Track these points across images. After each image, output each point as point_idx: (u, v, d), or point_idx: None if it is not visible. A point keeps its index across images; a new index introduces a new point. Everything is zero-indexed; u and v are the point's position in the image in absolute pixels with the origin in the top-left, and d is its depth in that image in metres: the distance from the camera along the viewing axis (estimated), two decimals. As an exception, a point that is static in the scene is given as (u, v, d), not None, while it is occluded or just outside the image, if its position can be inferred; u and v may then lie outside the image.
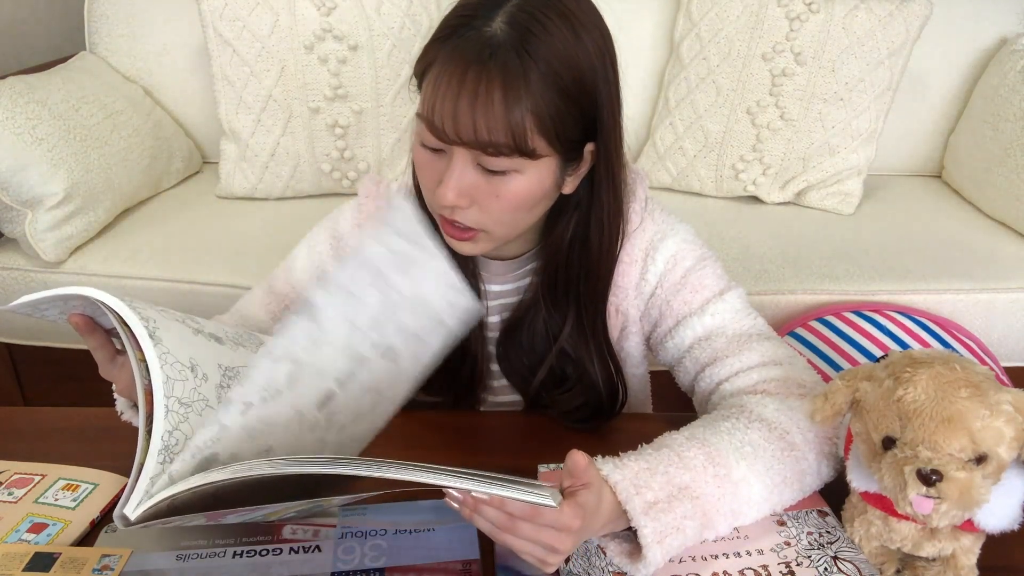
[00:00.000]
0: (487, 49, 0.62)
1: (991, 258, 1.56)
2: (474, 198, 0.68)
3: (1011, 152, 1.63)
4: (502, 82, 0.62)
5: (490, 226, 0.70)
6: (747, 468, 0.64)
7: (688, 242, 0.81)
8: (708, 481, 0.63)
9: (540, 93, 0.63)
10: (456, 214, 0.69)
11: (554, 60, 0.63)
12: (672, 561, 0.63)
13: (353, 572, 0.63)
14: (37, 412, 0.87)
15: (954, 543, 0.62)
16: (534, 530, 0.54)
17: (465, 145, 0.65)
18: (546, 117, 0.64)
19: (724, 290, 0.79)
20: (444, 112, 0.64)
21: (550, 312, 0.80)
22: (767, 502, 0.66)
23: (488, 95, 0.62)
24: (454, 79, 0.63)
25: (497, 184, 0.67)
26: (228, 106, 1.72)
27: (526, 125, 0.63)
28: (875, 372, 0.61)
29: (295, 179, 1.77)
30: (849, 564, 0.62)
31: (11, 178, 1.41)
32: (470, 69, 0.62)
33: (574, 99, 0.66)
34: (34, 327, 1.56)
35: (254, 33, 1.66)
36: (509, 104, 0.62)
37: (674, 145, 1.81)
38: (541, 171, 0.67)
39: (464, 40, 0.63)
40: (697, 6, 1.75)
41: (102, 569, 0.62)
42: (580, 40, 0.65)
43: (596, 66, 0.67)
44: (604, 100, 0.68)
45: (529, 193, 0.68)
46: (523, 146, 0.64)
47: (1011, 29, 1.83)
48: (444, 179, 0.67)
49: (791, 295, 1.48)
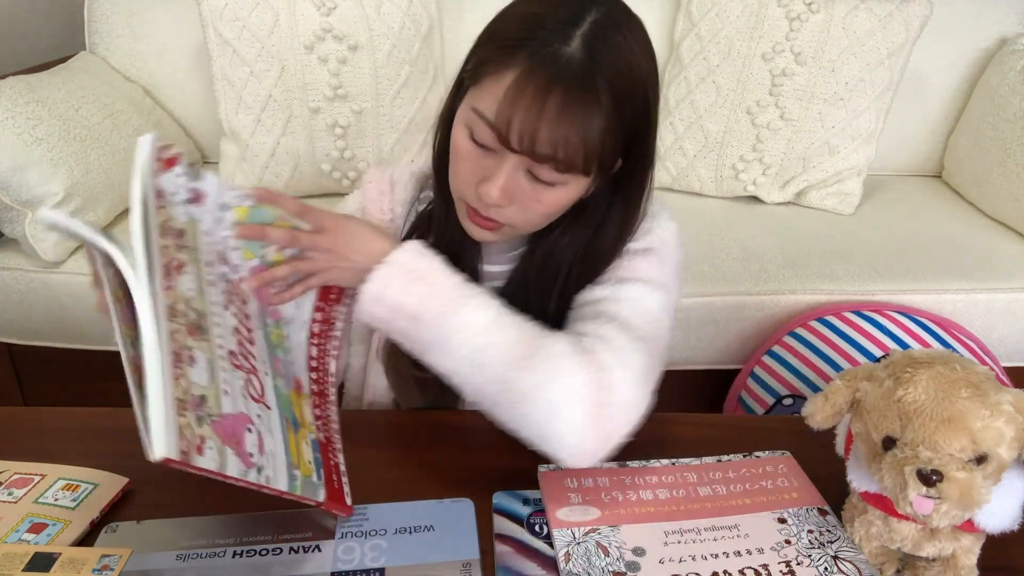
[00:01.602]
0: (569, 69, 0.63)
1: (991, 258, 1.56)
2: (515, 199, 0.69)
3: (1011, 152, 1.63)
4: (583, 105, 0.63)
5: (519, 223, 0.72)
6: (492, 314, 0.67)
7: (652, 233, 0.78)
8: (450, 290, 0.68)
9: (614, 126, 0.65)
10: (491, 211, 0.70)
11: (623, 84, 0.65)
12: (672, 561, 0.63)
13: (353, 572, 0.63)
14: (37, 412, 0.87)
15: (954, 543, 0.62)
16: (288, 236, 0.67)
17: (534, 159, 0.65)
18: (609, 148, 0.66)
19: (651, 284, 0.75)
20: (523, 125, 0.63)
21: (531, 298, 0.79)
22: (485, 339, 0.66)
23: (571, 117, 0.63)
24: (537, 95, 0.62)
25: (541, 191, 0.69)
26: (228, 106, 1.72)
27: (595, 152, 0.65)
28: (875, 372, 0.61)
29: (295, 179, 1.77)
30: (849, 564, 0.62)
31: (11, 178, 1.41)
32: (554, 88, 0.62)
33: (634, 132, 0.68)
34: (34, 327, 1.56)
35: (254, 33, 1.66)
36: (589, 128, 0.64)
37: (674, 145, 1.81)
38: (583, 182, 0.69)
39: (544, 56, 0.63)
40: (697, 6, 1.75)
41: (102, 569, 0.62)
42: (642, 62, 0.67)
43: (651, 86, 0.68)
44: (653, 121, 0.70)
45: (567, 201, 0.71)
46: (587, 169, 0.66)
47: (1011, 29, 1.83)
48: (491, 178, 0.67)
49: (791, 295, 1.48)
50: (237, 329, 0.64)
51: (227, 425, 0.57)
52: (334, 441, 0.72)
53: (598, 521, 0.67)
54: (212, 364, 0.58)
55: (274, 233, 0.67)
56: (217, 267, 0.64)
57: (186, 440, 0.52)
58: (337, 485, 0.68)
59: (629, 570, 0.62)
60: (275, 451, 0.62)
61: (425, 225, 0.83)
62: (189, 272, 0.60)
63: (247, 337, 0.65)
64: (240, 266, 0.67)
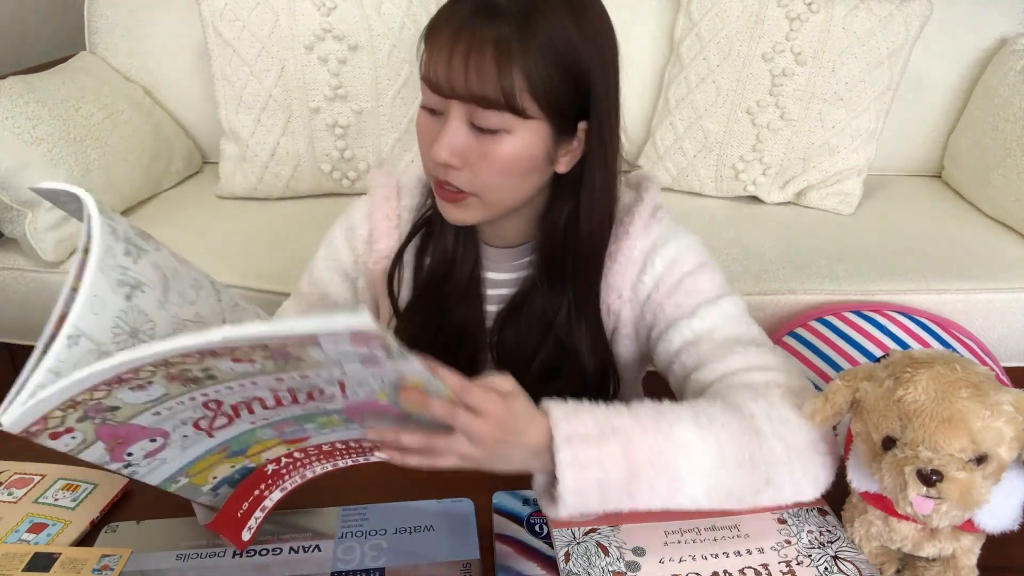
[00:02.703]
0: (485, 11, 0.66)
1: (991, 258, 1.56)
2: (465, 158, 0.70)
3: (1011, 152, 1.63)
4: (495, 41, 0.65)
5: (480, 189, 0.72)
6: (695, 434, 0.62)
7: (691, 248, 0.80)
8: (647, 432, 0.61)
9: (532, 59, 0.66)
10: (449, 175, 0.71)
11: (550, 32, 0.67)
12: (672, 561, 0.63)
13: (353, 572, 0.63)
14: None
15: (954, 543, 0.62)
16: (447, 440, 0.57)
17: (458, 97, 0.67)
18: (536, 81, 0.67)
19: (720, 296, 0.77)
20: (439, 65, 0.67)
21: (546, 297, 0.80)
22: (715, 479, 0.62)
23: (481, 50, 0.65)
24: (451, 34, 0.67)
25: (487, 144, 0.69)
26: (228, 106, 1.72)
27: (515, 83, 0.66)
28: (875, 372, 0.61)
29: (295, 179, 1.77)
30: (849, 564, 0.62)
31: (11, 178, 1.41)
32: (465, 25, 0.66)
33: (566, 72, 0.68)
34: (34, 327, 1.55)
35: (254, 33, 1.66)
36: (500, 62, 0.65)
37: (674, 145, 1.81)
38: (531, 134, 0.69)
39: (467, 2, 0.67)
40: (697, 6, 1.75)
41: (102, 569, 0.62)
42: (578, 21, 0.69)
43: (591, 49, 0.70)
44: (599, 81, 0.71)
45: (518, 156, 0.70)
46: (512, 102, 0.67)
47: (1011, 29, 1.83)
48: (439, 137, 0.70)
49: (791, 295, 1.48)
50: (262, 401, 0.56)
51: (122, 431, 0.53)
52: (283, 484, 0.66)
53: (598, 521, 0.67)
54: (165, 400, 0.53)
55: (437, 406, 0.56)
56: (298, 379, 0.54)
57: (43, 424, 0.49)
58: (240, 515, 0.64)
59: (629, 570, 0.62)
60: (168, 459, 0.59)
61: (425, 229, 0.84)
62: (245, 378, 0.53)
63: (271, 403, 0.57)
64: (358, 393, 0.56)
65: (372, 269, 0.87)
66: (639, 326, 0.82)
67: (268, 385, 0.53)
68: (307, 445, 0.63)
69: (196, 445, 0.59)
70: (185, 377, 0.50)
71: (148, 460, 0.57)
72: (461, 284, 0.83)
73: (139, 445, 0.56)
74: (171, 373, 0.50)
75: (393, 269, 0.84)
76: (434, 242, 0.83)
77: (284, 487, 0.66)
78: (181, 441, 0.57)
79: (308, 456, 0.64)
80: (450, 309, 0.83)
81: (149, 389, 0.50)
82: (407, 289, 0.85)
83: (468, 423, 0.57)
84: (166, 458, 0.58)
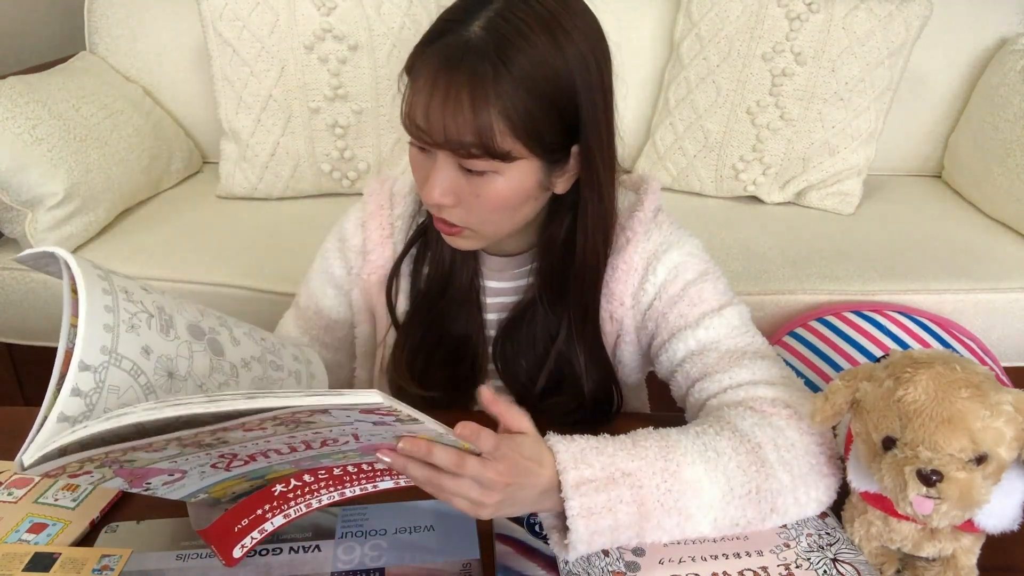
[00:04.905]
0: (459, 52, 0.64)
1: (991, 258, 1.56)
2: (459, 197, 0.69)
3: (1011, 152, 1.63)
4: (470, 85, 0.63)
5: (475, 225, 0.72)
6: (703, 471, 0.62)
7: (693, 256, 0.79)
8: (654, 473, 0.61)
9: (510, 97, 0.64)
10: (443, 212, 0.71)
11: (528, 64, 0.64)
12: (671, 561, 0.63)
13: (353, 572, 0.63)
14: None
15: (954, 543, 0.62)
16: (455, 483, 0.56)
17: (438, 147, 0.66)
18: (516, 120, 0.65)
19: (723, 305, 0.77)
20: (418, 114, 0.66)
21: (547, 313, 0.79)
22: (724, 513, 0.63)
23: (457, 98, 0.63)
24: (428, 82, 0.65)
25: (477, 184, 0.68)
26: (228, 106, 1.72)
27: (495, 128, 0.64)
28: (875, 372, 0.61)
29: (295, 179, 1.77)
30: (849, 566, 0.62)
31: (11, 178, 1.41)
32: (441, 72, 0.64)
33: (550, 103, 0.66)
34: (34, 327, 1.56)
35: (254, 33, 1.66)
36: (476, 107, 0.63)
37: (674, 145, 1.81)
38: (521, 173, 0.68)
39: (442, 44, 0.65)
40: (697, 6, 1.75)
41: (102, 569, 0.62)
42: (559, 46, 0.66)
43: (577, 70, 0.67)
44: (586, 104, 0.68)
45: (509, 194, 0.69)
46: (492, 148, 0.65)
47: (1011, 29, 1.83)
48: (429, 178, 0.69)
49: (791, 295, 1.48)
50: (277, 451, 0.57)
51: (140, 471, 0.54)
52: (287, 510, 0.65)
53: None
54: (181, 455, 0.54)
55: (441, 455, 0.55)
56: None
57: (62, 471, 0.50)
58: (237, 530, 0.62)
59: (629, 570, 0.62)
60: (187, 484, 0.59)
61: (422, 239, 0.83)
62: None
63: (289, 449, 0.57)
64: (372, 440, 0.56)
65: (366, 280, 0.86)
66: (641, 334, 0.81)
67: (282, 441, 0.55)
68: (317, 466, 0.63)
69: (214, 476, 0.59)
70: (199, 443, 0.52)
71: (167, 487, 0.58)
72: (460, 294, 0.82)
73: (158, 479, 0.57)
74: (184, 443, 0.51)
75: (391, 281, 0.84)
76: (431, 252, 0.82)
77: (288, 513, 0.65)
78: (199, 474, 0.58)
79: (318, 480, 0.64)
80: (450, 319, 0.83)
81: (164, 451, 0.52)
82: (404, 299, 0.84)
83: (478, 471, 0.56)
84: (185, 484, 0.59)
